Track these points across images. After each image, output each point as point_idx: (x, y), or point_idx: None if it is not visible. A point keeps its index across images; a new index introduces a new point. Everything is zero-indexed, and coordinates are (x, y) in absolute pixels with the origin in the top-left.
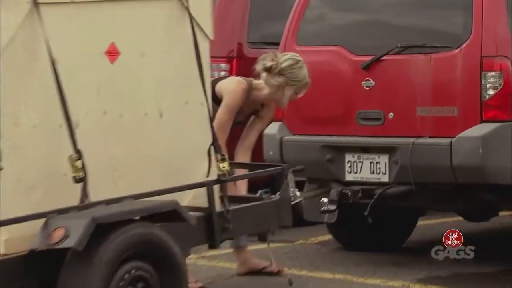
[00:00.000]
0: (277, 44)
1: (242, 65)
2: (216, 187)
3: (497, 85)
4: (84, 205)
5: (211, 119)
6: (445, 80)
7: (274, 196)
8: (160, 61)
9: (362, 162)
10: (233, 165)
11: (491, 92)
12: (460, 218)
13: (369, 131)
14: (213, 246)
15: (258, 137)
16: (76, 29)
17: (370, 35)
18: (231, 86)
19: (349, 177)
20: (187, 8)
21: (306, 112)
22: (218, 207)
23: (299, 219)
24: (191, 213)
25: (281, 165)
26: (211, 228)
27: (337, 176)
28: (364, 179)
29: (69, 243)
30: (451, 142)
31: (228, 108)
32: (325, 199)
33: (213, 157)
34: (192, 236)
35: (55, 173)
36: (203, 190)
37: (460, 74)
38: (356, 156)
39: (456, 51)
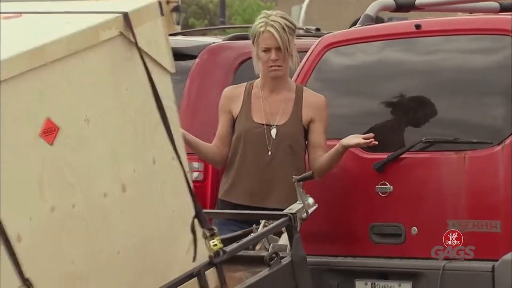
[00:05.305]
0: None
1: None
2: (210, 273)
3: None
4: None
5: (188, 180)
6: (484, 185)
7: (283, 256)
8: (111, 120)
9: None
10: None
11: None
12: None
13: (386, 251)
14: None
15: None
16: None
17: (386, 127)
18: None
19: None
20: (135, 44)
21: (303, 225)
22: None
23: None
24: None
25: (286, 214)
26: None
27: None
28: None
29: None
30: (493, 266)
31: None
32: None
33: (199, 234)
34: None
35: None
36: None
37: (504, 177)
38: (369, 283)
39: (498, 148)
